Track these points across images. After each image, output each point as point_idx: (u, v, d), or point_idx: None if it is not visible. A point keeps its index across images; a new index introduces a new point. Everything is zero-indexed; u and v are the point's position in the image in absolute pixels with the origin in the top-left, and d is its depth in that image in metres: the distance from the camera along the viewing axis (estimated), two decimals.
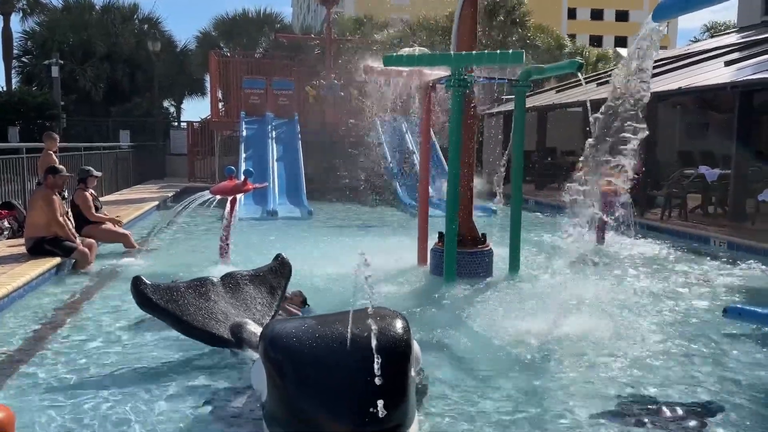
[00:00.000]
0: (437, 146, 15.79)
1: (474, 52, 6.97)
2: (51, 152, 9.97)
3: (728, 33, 21.77)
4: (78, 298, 6.55)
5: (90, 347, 4.95)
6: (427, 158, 8.45)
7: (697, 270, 8.05)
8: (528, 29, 26.67)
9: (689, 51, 18.21)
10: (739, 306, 5.92)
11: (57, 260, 7.46)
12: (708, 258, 8.78)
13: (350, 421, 2.84)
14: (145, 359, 4.69)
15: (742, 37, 17.10)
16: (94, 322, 5.63)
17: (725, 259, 8.58)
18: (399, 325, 3.15)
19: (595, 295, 6.23)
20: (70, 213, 8.32)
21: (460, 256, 7.17)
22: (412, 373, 3.18)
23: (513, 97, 7.77)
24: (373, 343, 2.89)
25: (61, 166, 8.39)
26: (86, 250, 7.73)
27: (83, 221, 8.64)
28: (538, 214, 13.86)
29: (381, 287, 6.75)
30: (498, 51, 6.51)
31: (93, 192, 9.10)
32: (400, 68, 7.25)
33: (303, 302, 5.93)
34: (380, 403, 2.80)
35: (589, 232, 6.14)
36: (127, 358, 4.72)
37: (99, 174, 9.19)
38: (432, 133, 11.40)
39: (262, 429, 3.25)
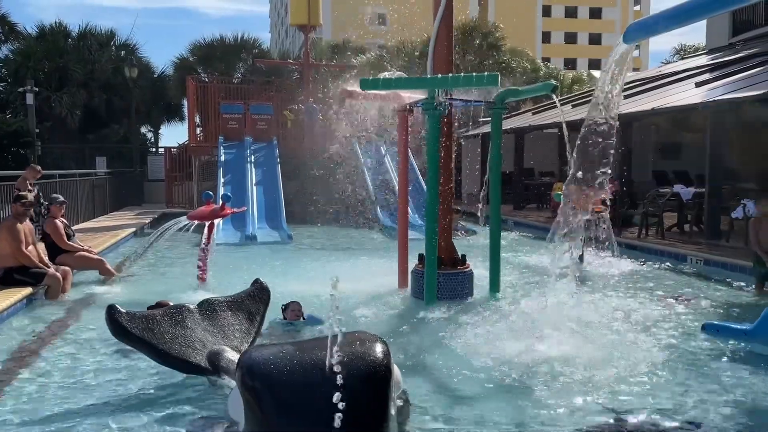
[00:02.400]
0: (416, 168, 15.84)
1: (450, 75, 7.03)
2: (26, 180, 9.90)
3: (698, 55, 22.30)
4: (51, 328, 6.40)
5: (63, 378, 4.82)
6: (405, 181, 8.46)
7: (675, 288, 8.11)
8: (504, 53, 27.10)
9: (661, 73, 18.60)
10: (716, 322, 5.97)
11: (29, 290, 7.29)
12: (685, 276, 8.86)
13: None
14: (120, 389, 4.58)
15: (712, 59, 17.52)
16: (67, 352, 5.49)
17: (702, 277, 8.67)
18: (379, 349, 3.10)
19: (575, 314, 6.23)
20: (40, 242, 8.17)
21: (441, 278, 7.16)
22: (393, 397, 3.13)
23: (490, 119, 7.84)
24: (352, 368, 2.84)
25: (24, 193, 8.26)
26: (57, 274, 7.59)
27: (57, 250, 8.48)
28: (518, 234, 13.92)
29: (361, 311, 6.70)
30: (473, 74, 6.57)
31: (64, 220, 8.94)
32: (377, 92, 7.29)
33: (298, 314, 5.99)
34: (360, 429, 2.75)
35: (571, 252, 6.20)
36: (102, 388, 4.60)
37: (62, 200, 9.01)
38: (411, 155, 11.45)
39: None
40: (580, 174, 5.79)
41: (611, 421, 4.00)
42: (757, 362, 5.13)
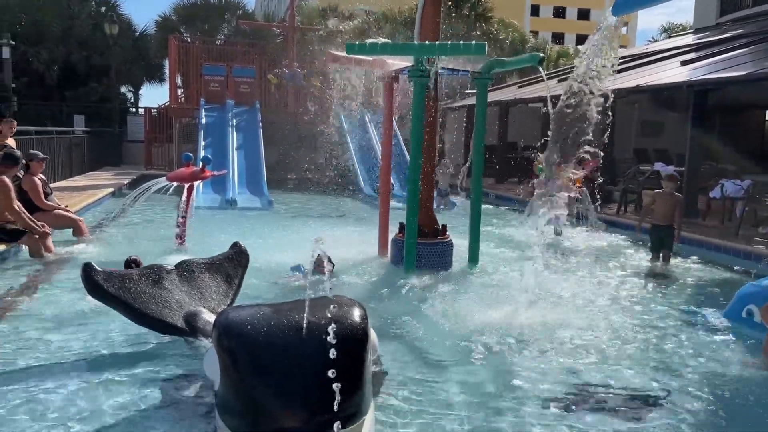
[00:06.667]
0: (400, 137, 15.77)
1: (437, 42, 6.95)
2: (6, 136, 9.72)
3: (685, 34, 22.32)
4: (25, 286, 6.32)
5: (38, 336, 4.78)
6: (389, 149, 8.41)
7: (651, 263, 8.22)
8: (492, 24, 26.86)
9: (647, 51, 18.60)
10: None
11: (2, 247, 7.18)
12: None
13: (304, 409, 2.79)
14: (96, 348, 4.56)
15: (698, 38, 17.55)
16: (42, 310, 5.43)
17: (677, 253, 8.78)
18: (356, 312, 3.10)
19: (552, 286, 6.31)
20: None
21: (420, 247, 7.18)
22: (369, 361, 3.15)
23: (475, 91, 7.79)
24: (329, 330, 2.84)
25: (12, 150, 8.10)
26: (36, 236, 7.45)
27: (32, 208, 8.32)
28: (499, 207, 13.98)
29: (341, 277, 6.72)
30: (461, 42, 6.50)
31: (43, 177, 8.77)
32: (363, 57, 7.20)
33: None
34: (335, 391, 2.77)
35: (550, 224, 6.27)
36: (78, 347, 4.57)
37: (42, 156, 8.80)
38: (395, 124, 11.39)
39: (215, 417, 3.18)
40: (557, 149, 5.82)
41: (585, 387, 4.08)
42: (726, 332, 5.27)
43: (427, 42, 6.82)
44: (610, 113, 5.30)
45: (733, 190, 10.50)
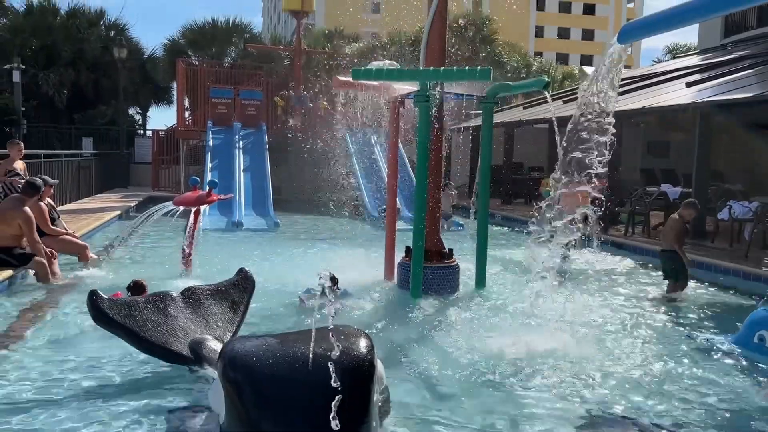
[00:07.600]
0: (406, 160, 15.80)
1: (443, 68, 6.99)
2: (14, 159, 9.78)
3: (689, 55, 22.37)
4: (30, 312, 6.31)
5: (41, 365, 4.75)
6: (394, 172, 8.42)
7: (660, 286, 8.15)
8: (496, 46, 27.03)
9: (652, 71, 18.64)
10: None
11: (9, 272, 7.18)
12: None
13: None
14: (99, 377, 4.53)
15: (703, 59, 17.59)
16: (45, 337, 5.41)
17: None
18: (362, 344, 3.08)
19: (560, 311, 6.25)
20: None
21: (427, 271, 7.14)
22: (375, 393, 3.11)
23: (481, 112, 7.81)
24: (336, 362, 2.81)
25: (29, 177, 8.18)
26: (43, 259, 7.46)
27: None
28: (506, 228, 13.94)
29: (346, 302, 6.68)
30: (466, 67, 6.53)
31: (50, 202, 8.78)
32: (369, 82, 7.24)
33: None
34: (342, 424, 2.73)
35: (563, 253, 6.24)
36: (81, 375, 4.54)
37: (53, 182, 8.84)
38: (401, 146, 11.41)
39: None
40: (564, 175, 5.79)
41: (594, 417, 4.02)
42: (737, 358, 5.20)
43: (432, 67, 6.85)
44: (613, 135, 5.28)
45: (741, 211, 10.44)
